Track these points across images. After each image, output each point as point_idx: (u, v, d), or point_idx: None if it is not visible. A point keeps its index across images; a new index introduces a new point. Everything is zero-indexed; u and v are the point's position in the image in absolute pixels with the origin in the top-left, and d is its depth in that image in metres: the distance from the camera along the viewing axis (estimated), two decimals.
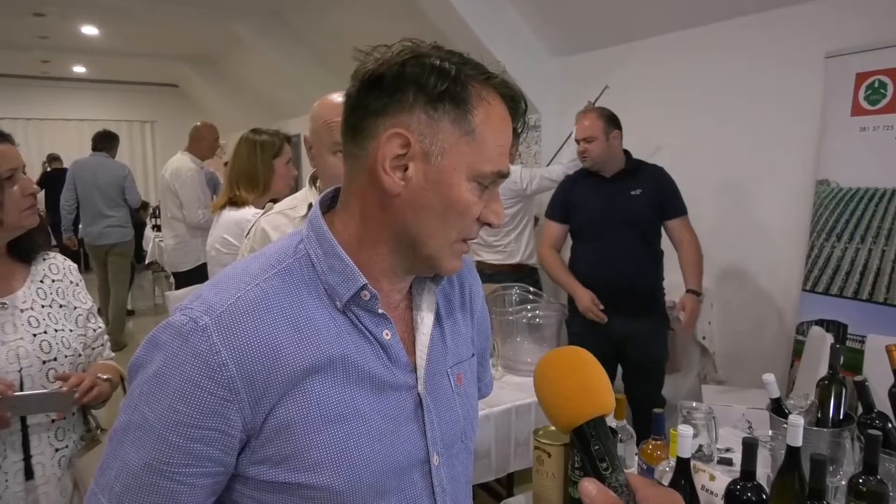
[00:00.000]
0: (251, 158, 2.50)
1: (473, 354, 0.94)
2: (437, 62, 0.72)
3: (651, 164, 2.79)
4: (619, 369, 2.84)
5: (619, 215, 2.68)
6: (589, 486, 0.61)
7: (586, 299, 2.67)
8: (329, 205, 0.82)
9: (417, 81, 0.71)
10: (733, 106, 3.13)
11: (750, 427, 2.68)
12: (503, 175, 0.76)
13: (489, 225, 0.77)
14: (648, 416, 1.63)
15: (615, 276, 2.66)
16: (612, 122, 2.69)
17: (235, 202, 2.48)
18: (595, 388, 0.66)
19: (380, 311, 0.77)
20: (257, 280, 0.73)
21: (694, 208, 3.34)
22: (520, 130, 0.79)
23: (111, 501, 0.69)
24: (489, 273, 3.52)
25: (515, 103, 0.77)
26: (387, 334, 0.77)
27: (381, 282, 0.78)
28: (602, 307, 2.65)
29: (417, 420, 0.80)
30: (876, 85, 2.53)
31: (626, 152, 2.77)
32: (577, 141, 2.74)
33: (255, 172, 2.49)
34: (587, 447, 0.64)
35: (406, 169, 0.72)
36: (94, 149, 5.39)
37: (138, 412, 0.69)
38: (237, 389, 0.67)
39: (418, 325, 0.83)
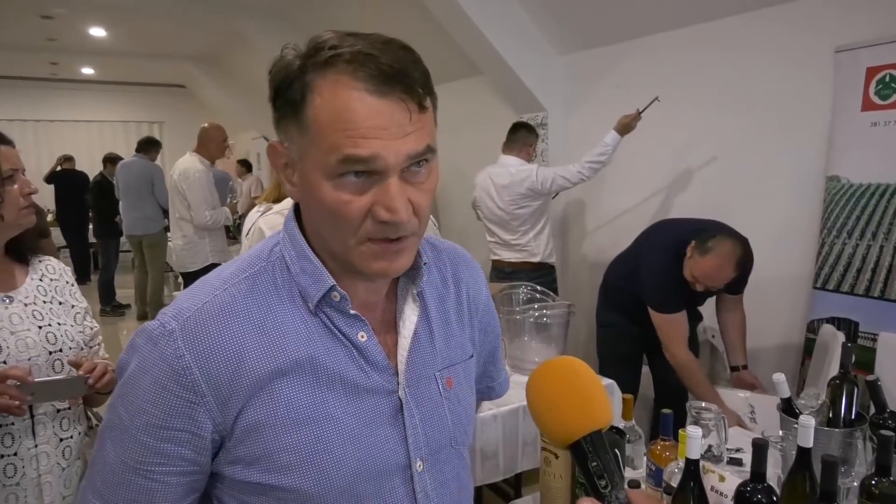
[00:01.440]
0: None
1: (472, 356, 0.91)
2: (286, 59, 0.70)
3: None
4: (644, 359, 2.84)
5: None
6: None
7: (733, 419, 2.29)
8: None
9: (271, 87, 0.72)
10: (742, 101, 3.10)
11: (752, 412, 2.64)
12: (363, 159, 0.65)
13: (382, 222, 0.67)
14: (674, 403, 1.61)
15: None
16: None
17: (282, 199, 2.54)
18: (591, 403, 0.64)
19: (352, 311, 0.75)
20: (226, 285, 0.74)
21: (703, 204, 3.32)
22: (416, 98, 0.67)
23: (94, 496, 0.73)
24: (509, 271, 3.52)
25: (374, 76, 0.65)
26: (362, 336, 0.76)
27: (354, 283, 0.76)
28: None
29: (397, 424, 0.78)
30: (887, 79, 2.50)
31: None
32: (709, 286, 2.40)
33: None
34: (584, 463, 0.62)
35: (294, 175, 0.73)
36: (136, 151, 6.09)
37: (115, 412, 0.73)
38: (202, 392, 0.69)
39: (400, 328, 0.81)
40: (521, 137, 3.62)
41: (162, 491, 0.71)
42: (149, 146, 6.09)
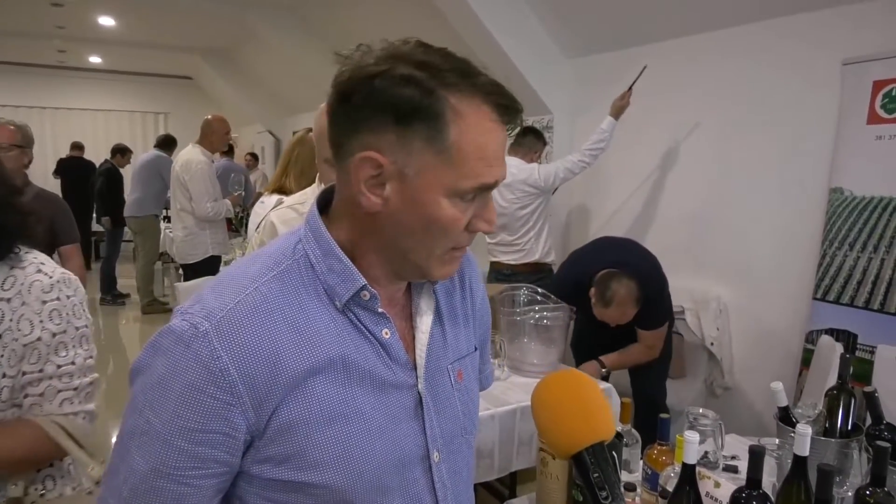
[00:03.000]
0: (311, 155, 2.61)
1: (476, 349, 0.94)
2: (409, 72, 0.67)
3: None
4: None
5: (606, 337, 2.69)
6: None
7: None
8: (326, 204, 0.81)
9: (387, 99, 0.67)
10: (747, 112, 3.11)
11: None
12: (490, 187, 0.72)
13: (475, 232, 0.75)
14: (648, 409, 1.64)
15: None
16: (640, 301, 2.50)
17: (282, 190, 2.59)
18: (595, 414, 0.65)
19: (380, 310, 0.77)
20: (256, 283, 0.73)
21: (705, 213, 3.33)
22: (515, 126, 0.75)
23: None
24: (508, 273, 3.53)
25: (503, 105, 0.71)
26: (386, 333, 0.78)
27: (378, 282, 0.78)
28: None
29: (417, 418, 0.80)
30: (893, 93, 2.50)
31: None
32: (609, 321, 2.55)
33: (309, 167, 2.59)
34: (586, 475, 0.63)
35: (383, 187, 0.71)
36: (155, 146, 6.51)
37: (143, 417, 0.69)
38: (239, 393, 0.68)
39: (417, 323, 0.83)
40: (529, 143, 3.66)
41: (195, 495, 0.70)
42: (167, 144, 6.40)
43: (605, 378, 2.61)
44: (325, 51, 6.84)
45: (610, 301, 2.46)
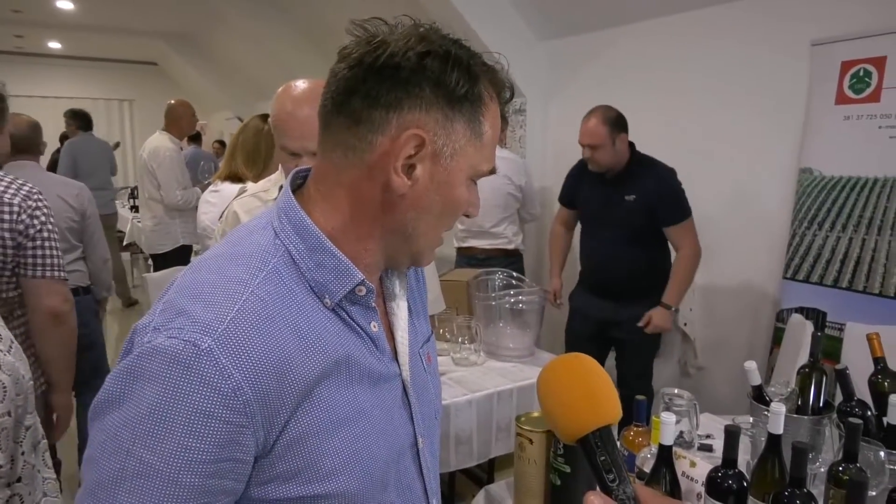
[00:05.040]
0: (256, 136, 2.55)
1: (431, 332, 0.94)
2: (459, 58, 0.69)
3: (656, 164, 2.71)
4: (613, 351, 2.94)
5: (613, 220, 2.72)
6: (595, 501, 0.59)
7: (552, 285, 2.90)
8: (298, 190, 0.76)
9: (439, 79, 0.67)
10: (718, 92, 3.12)
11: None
12: (493, 172, 0.77)
13: (464, 217, 0.77)
14: (627, 395, 1.64)
15: (607, 275, 2.80)
16: (618, 125, 2.61)
17: (233, 177, 2.57)
18: (601, 398, 0.64)
19: (373, 304, 0.74)
20: (249, 287, 0.65)
21: None
22: (507, 117, 0.79)
23: None
24: (482, 258, 3.53)
25: (507, 97, 0.76)
26: (374, 326, 0.75)
27: (369, 272, 0.75)
28: (560, 301, 2.94)
29: (405, 406, 0.79)
30: (861, 73, 2.53)
31: (632, 145, 2.73)
32: (582, 145, 2.68)
33: (257, 151, 2.52)
34: (593, 458, 0.62)
35: (413, 168, 0.69)
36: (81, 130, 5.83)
37: (133, 458, 0.59)
38: (252, 413, 0.61)
39: (394, 311, 0.82)
40: None
41: None
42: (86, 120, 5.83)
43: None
44: (293, 32, 6.74)
45: (588, 115, 2.63)
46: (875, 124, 2.48)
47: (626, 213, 2.66)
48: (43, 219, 1.69)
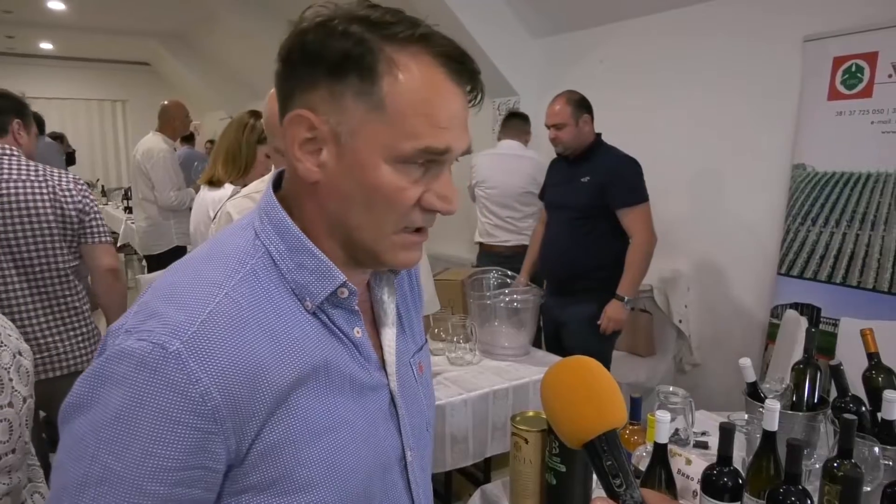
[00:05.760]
0: (237, 137, 2.47)
1: (426, 340, 0.91)
2: (342, 26, 0.61)
3: (614, 150, 2.69)
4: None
5: (567, 201, 2.71)
6: None
7: (519, 279, 2.82)
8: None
9: (318, 52, 0.62)
10: (711, 88, 3.13)
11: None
12: (439, 151, 0.63)
13: (431, 211, 0.66)
14: None
15: (556, 262, 2.74)
16: (581, 106, 2.65)
17: (213, 181, 2.48)
18: (606, 402, 0.63)
19: (356, 307, 0.70)
20: (223, 289, 0.62)
21: (670, 191, 3.35)
22: (474, 94, 0.67)
23: None
24: (507, 255, 3.46)
25: (456, 62, 0.64)
26: (358, 332, 0.71)
27: (351, 276, 0.71)
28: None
29: (392, 418, 0.76)
30: (853, 69, 2.54)
31: (598, 135, 2.73)
32: (547, 126, 2.71)
33: (237, 152, 2.45)
34: (599, 463, 0.61)
35: (319, 153, 0.65)
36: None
37: (98, 463, 0.57)
38: (222, 419, 0.59)
39: (382, 319, 0.78)
40: (516, 125, 3.69)
41: None
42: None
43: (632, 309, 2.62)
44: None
45: (553, 99, 2.68)
46: (867, 119, 2.49)
47: (579, 194, 2.64)
48: (90, 196, 2.10)
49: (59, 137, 7.28)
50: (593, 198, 2.60)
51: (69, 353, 2.05)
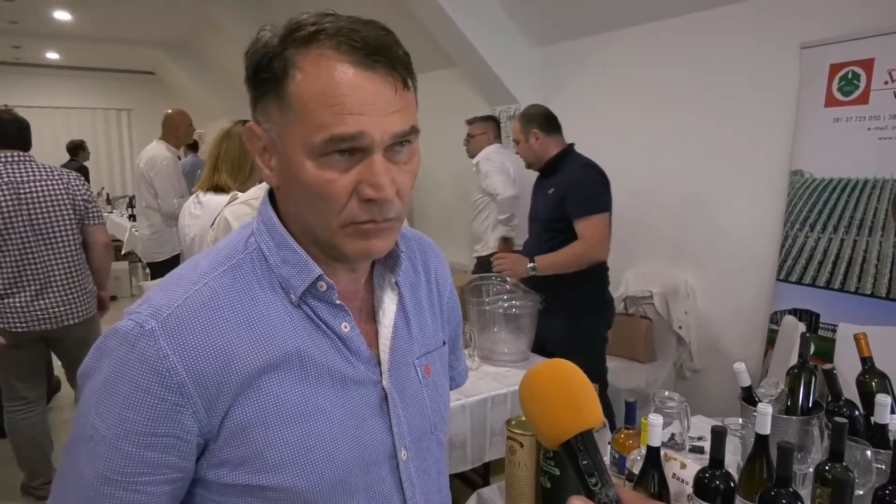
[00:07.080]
0: (243, 146, 2.50)
1: (444, 343, 0.92)
2: (263, 40, 0.68)
3: (581, 159, 2.65)
4: None
5: (538, 213, 2.73)
6: None
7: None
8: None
9: (248, 69, 0.69)
10: (709, 95, 3.14)
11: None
12: (350, 137, 0.64)
13: (368, 200, 0.67)
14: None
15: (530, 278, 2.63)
16: (531, 121, 2.66)
17: (217, 187, 2.51)
18: (581, 403, 0.64)
19: (337, 301, 0.74)
20: (206, 279, 0.70)
21: (669, 198, 3.37)
22: (396, 73, 0.66)
23: None
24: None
25: (360, 49, 0.64)
26: (345, 326, 0.75)
27: (336, 272, 0.75)
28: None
29: (383, 415, 0.77)
30: (849, 76, 2.55)
31: (570, 146, 2.71)
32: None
33: (242, 160, 2.48)
34: (575, 462, 0.62)
35: (272, 160, 0.72)
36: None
37: (89, 423, 0.67)
38: (189, 394, 0.66)
39: (380, 317, 0.81)
40: (480, 128, 3.88)
41: (147, 503, 0.67)
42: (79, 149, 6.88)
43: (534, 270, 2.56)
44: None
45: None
46: (864, 126, 2.50)
47: (546, 207, 2.64)
48: (90, 188, 2.79)
49: (78, 146, 7.40)
50: (557, 209, 2.57)
51: (80, 306, 2.74)
